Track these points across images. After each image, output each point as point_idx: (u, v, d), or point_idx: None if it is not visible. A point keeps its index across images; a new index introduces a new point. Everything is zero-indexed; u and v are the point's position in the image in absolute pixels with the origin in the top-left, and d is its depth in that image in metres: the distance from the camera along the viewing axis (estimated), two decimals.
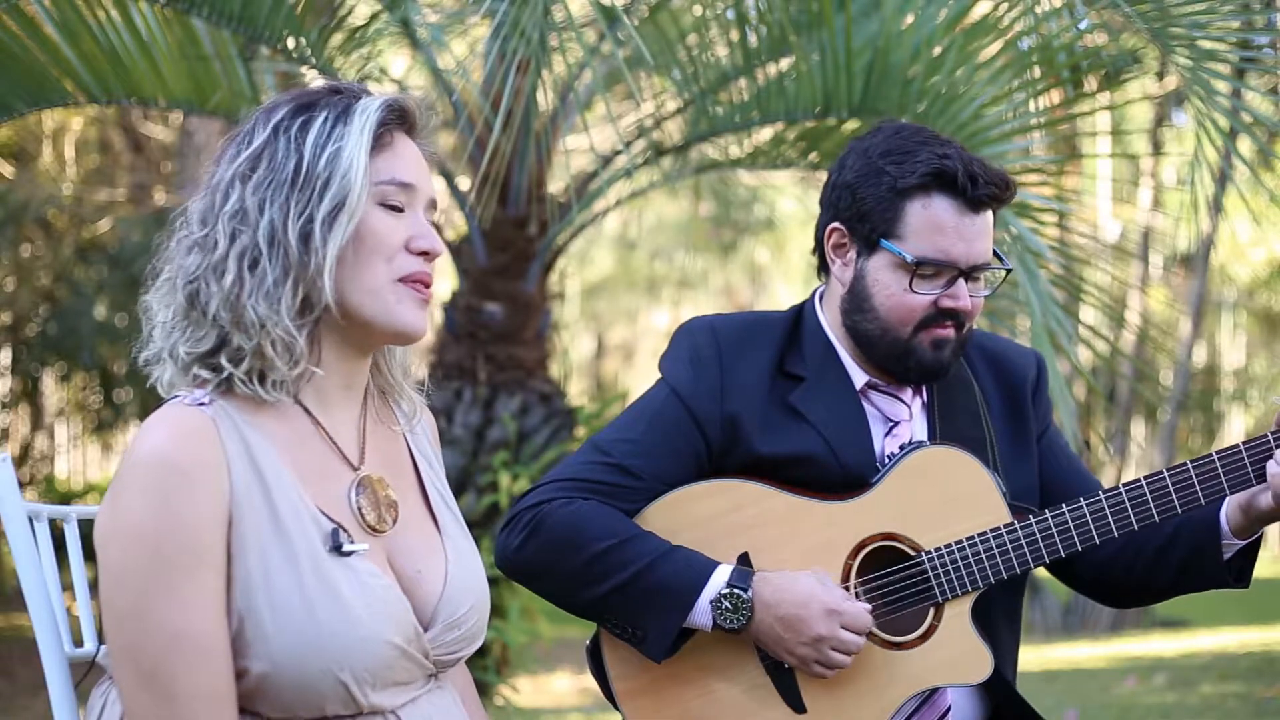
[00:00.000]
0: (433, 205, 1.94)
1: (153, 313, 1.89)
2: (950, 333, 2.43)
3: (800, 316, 2.55)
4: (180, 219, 1.91)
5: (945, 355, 2.44)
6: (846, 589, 2.39)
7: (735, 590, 2.32)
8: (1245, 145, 5.46)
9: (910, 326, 2.42)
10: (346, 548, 1.82)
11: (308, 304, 1.84)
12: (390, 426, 2.02)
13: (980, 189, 2.38)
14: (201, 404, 1.80)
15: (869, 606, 2.35)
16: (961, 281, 2.41)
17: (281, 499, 1.80)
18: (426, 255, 1.89)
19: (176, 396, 1.83)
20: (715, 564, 2.35)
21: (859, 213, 2.43)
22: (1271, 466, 2.31)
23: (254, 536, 1.77)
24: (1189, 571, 2.47)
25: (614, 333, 26.93)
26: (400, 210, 1.89)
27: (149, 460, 1.75)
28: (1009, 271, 2.52)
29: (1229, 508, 2.41)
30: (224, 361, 1.82)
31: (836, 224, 2.47)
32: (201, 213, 1.87)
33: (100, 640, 2.09)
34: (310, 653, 1.76)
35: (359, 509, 1.88)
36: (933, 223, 2.39)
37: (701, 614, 2.33)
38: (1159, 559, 2.48)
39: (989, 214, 2.43)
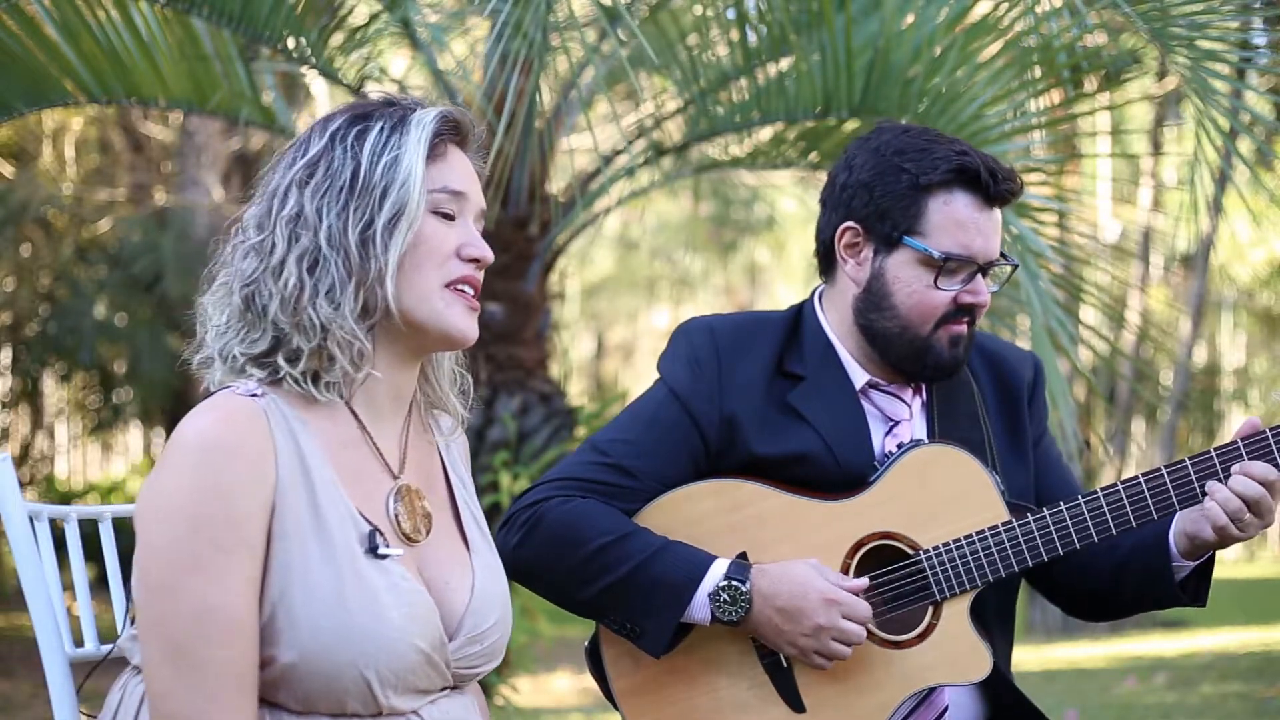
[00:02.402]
0: (482, 215, 1.99)
1: (206, 316, 1.92)
2: (964, 329, 2.45)
3: (800, 316, 2.56)
4: (235, 226, 1.94)
5: (960, 352, 2.45)
6: (845, 576, 2.39)
7: (733, 582, 2.32)
8: (1245, 145, 5.46)
9: (931, 324, 2.43)
10: (382, 550, 1.85)
11: (367, 308, 1.88)
12: (429, 439, 2.05)
13: (1001, 184, 2.41)
14: (254, 394, 1.83)
15: (865, 581, 2.35)
16: (979, 277, 2.42)
17: (324, 494, 1.83)
18: (477, 262, 1.94)
19: (228, 387, 1.85)
20: (712, 558, 2.35)
21: (878, 211, 2.43)
22: (1208, 503, 2.31)
23: (295, 526, 1.80)
24: (1146, 593, 2.47)
25: (614, 333, 26.93)
26: (452, 218, 1.93)
27: (198, 440, 1.78)
28: (1015, 268, 2.54)
29: (1175, 534, 2.40)
30: (281, 361, 1.85)
31: (850, 223, 2.47)
32: (258, 218, 1.90)
33: (101, 640, 2.10)
34: (339, 646, 1.78)
35: (396, 516, 1.91)
36: (954, 219, 2.40)
37: (699, 608, 2.34)
38: (1116, 582, 2.49)
39: (999, 210, 2.45)
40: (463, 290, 1.94)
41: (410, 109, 1.93)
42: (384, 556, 1.84)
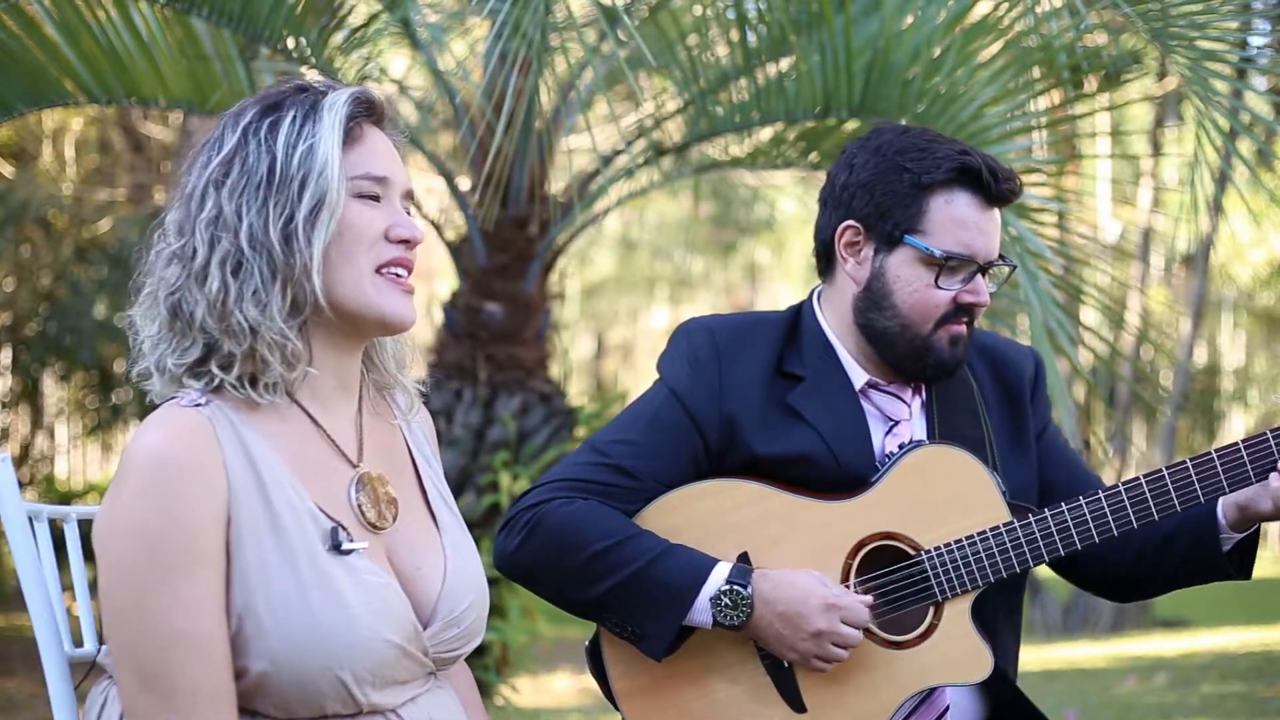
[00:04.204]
0: (409, 195, 1.94)
1: (138, 328, 1.88)
2: (964, 328, 2.45)
3: (799, 316, 2.56)
4: (158, 232, 1.90)
5: (959, 351, 2.46)
6: (846, 588, 2.39)
7: (735, 587, 2.32)
8: (1245, 145, 5.46)
9: (931, 323, 2.43)
10: (346, 546, 1.82)
11: (296, 305, 1.84)
12: (388, 421, 2.02)
13: (1001, 184, 2.42)
14: (198, 404, 1.81)
15: (869, 599, 2.35)
16: (979, 276, 2.43)
17: (278, 497, 1.80)
18: (407, 243, 1.90)
19: (173, 398, 1.83)
20: (714, 561, 2.35)
21: (879, 210, 2.43)
22: (1275, 480, 2.32)
23: (251, 534, 1.78)
24: (1191, 564, 2.48)
25: (614, 333, 26.93)
26: (377, 199, 1.89)
27: (146, 459, 1.76)
28: (1013, 269, 2.54)
29: (1225, 504, 2.42)
30: (214, 369, 1.82)
31: (851, 222, 2.47)
32: (178, 223, 1.87)
33: (100, 640, 2.09)
34: (309, 651, 1.76)
35: (359, 506, 1.88)
36: (955, 218, 2.41)
37: (701, 612, 2.33)
38: (1160, 554, 2.49)
39: (999, 211, 2.46)
40: (396, 275, 1.89)
41: (322, 93, 1.89)
42: (348, 552, 1.82)
